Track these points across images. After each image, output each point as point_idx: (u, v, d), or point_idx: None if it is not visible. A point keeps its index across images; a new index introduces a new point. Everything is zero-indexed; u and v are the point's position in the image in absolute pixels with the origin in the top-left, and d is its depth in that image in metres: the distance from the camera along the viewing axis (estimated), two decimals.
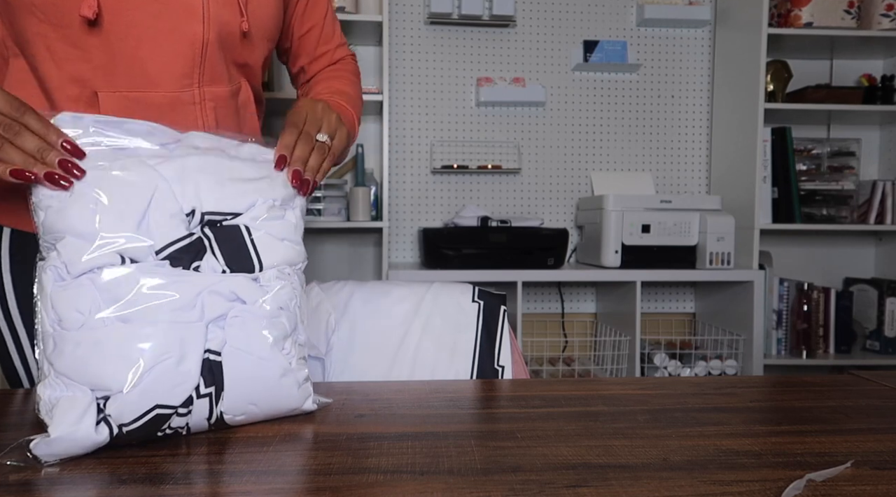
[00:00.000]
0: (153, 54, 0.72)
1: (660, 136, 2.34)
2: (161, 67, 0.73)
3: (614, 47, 2.22)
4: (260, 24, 0.80)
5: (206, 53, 0.75)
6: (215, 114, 0.79)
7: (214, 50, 0.76)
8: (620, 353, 2.05)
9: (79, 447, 0.46)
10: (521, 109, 2.29)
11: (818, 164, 2.24)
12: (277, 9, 0.83)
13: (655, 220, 2.00)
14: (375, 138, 2.22)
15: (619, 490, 0.41)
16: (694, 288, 2.38)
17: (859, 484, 0.42)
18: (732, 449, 0.49)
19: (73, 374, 0.47)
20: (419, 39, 2.23)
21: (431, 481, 0.42)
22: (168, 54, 0.73)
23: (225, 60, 0.78)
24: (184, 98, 0.76)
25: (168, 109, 0.75)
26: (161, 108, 0.75)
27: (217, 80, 0.78)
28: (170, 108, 0.75)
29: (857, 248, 2.41)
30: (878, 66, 2.35)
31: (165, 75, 0.74)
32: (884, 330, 2.17)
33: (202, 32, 0.74)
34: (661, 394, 0.64)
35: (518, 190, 2.30)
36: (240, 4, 0.76)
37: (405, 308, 0.88)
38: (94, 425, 0.46)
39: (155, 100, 0.74)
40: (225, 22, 0.76)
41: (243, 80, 0.84)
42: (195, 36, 0.73)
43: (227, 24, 0.76)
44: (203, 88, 0.77)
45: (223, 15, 0.75)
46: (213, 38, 0.75)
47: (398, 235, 2.26)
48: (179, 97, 0.75)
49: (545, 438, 0.51)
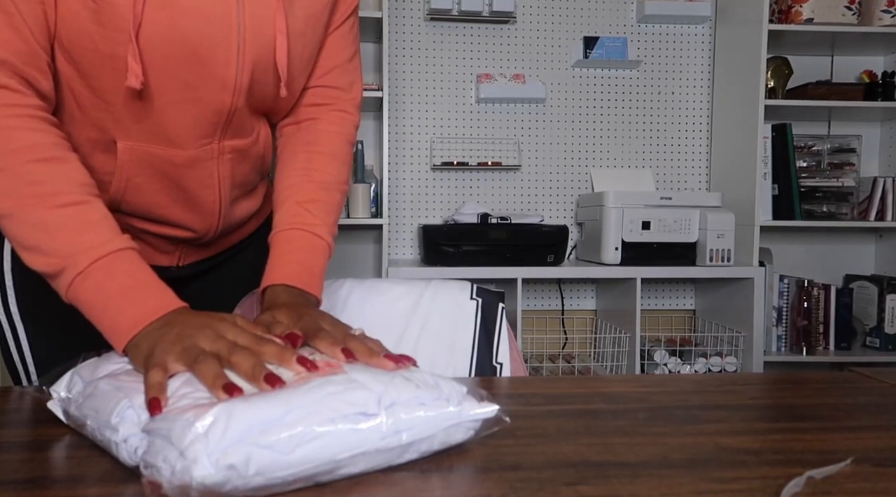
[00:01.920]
0: (177, 119, 0.70)
1: (660, 132, 2.34)
2: (183, 131, 0.71)
3: (614, 44, 2.22)
4: (296, 78, 0.76)
5: (232, 119, 0.73)
6: (231, 165, 0.77)
7: (241, 114, 0.73)
8: (620, 350, 2.05)
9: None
10: (522, 106, 2.28)
11: (818, 161, 2.23)
12: (315, 53, 0.78)
13: (655, 217, 2.00)
14: (375, 135, 2.21)
15: (618, 488, 0.41)
16: (694, 285, 2.38)
17: (859, 481, 0.42)
18: (732, 446, 0.48)
19: None
20: (419, 36, 2.22)
21: (430, 479, 0.42)
22: (192, 120, 0.70)
23: (250, 116, 0.76)
24: (202, 155, 0.74)
25: (185, 166, 0.73)
26: (178, 165, 0.73)
27: (238, 135, 0.76)
28: (187, 164, 0.73)
29: (858, 244, 2.40)
30: (879, 63, 2.35)
31: (187, 137, 0.71)
32: (884, 327, 2.17)
33: (230, 103, 0.71)
34: (661, 391, 0.64)
35: (518, 187, 2.30)
36: (277, 68, 0.70)
37: (403, 306, 0.87)
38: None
39: (174, 156, 0.72)
40: (258, 87, 0.72)
41: (263, 120, 0.81)
42: (222, 106, 0.70)
43: (260, 88, 0.72)
44: (223, 143, 0.75)
45: (258, 83, 0.71)
46: (241, 105, 0.72)
47: (398, 232, 2.26)
48: (198, 154, 0.74)
49: (545, 436, 0.50)
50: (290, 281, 0.69)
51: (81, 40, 0.64)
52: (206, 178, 0.76)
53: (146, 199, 0.75)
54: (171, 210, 0.77)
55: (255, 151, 0.80)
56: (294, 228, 0.73)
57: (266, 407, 0.41)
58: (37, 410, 0.57)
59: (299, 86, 0.78)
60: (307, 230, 0.73)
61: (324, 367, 0.49)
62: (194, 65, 0.66)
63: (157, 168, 0.73)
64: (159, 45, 0.64)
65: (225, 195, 0.79)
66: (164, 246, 0.84)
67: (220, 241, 0.89)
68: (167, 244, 0.84)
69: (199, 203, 0.78)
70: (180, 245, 0.85)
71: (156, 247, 0.84)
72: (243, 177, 0.81)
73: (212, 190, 0.77)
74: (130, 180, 0.73)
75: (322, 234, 0.74)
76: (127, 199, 0.74)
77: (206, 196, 0.77)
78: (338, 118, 0.84)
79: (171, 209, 0.77)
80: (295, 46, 0.72)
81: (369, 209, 2.04)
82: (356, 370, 0.48)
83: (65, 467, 0.45)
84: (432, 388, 0.47)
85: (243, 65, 0.69)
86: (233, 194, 0.81)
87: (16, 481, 0.42)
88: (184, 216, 0.78)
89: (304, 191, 0.76)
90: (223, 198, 0.79)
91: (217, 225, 0.82)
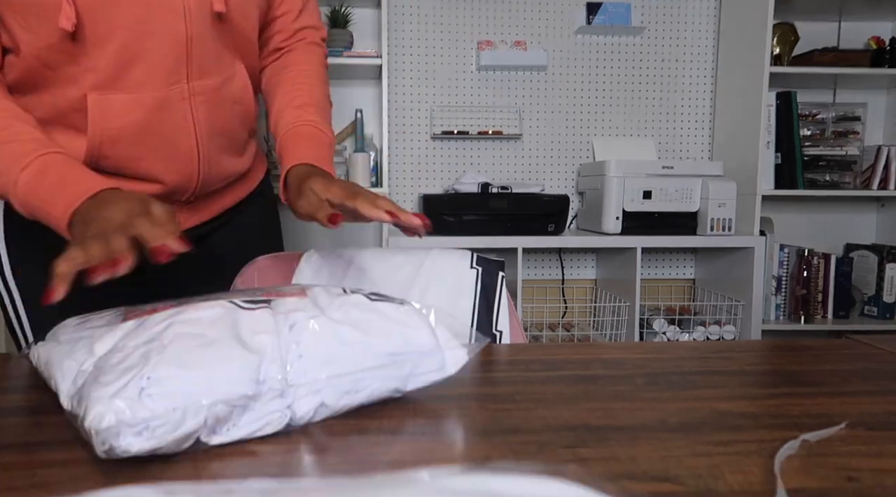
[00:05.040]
0: (138, 56, 0.71)
1: (663, 100, 2.31)
2: (147, 68, 0.72)
3: (618, 9, 2.17)
4: (245, 9, 0.78)
5: (192, 49, 0.74)
6: (206, 107, 0.78)
7: (201, 43, 0.74)
8: (620, 319, 2.07)
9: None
10: (523, 73, 2.25)
11: (823, 130, 2.21)
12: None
13: (657, 187, 1.99)
14: (375, 104, 2.19)
15: (617, 450, 0.42)
16: (694, 254, 2.38)
17: (853, 444, 0.43)
18: (729, 411, 0.49)
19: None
20: (419, 2, 2.18)
21: (431, 442, 0.43)
22: (153, 55, 0.72)
23: (214, 50, 0.76)
24: (172, 95, 0.75)
25: (156, 108, 0.74)
26: (149, 107, 0.74)
27: (207, 73, 0.76)
28: (157, 106, 0.74)
29: (860, 214, 2.40)
30: (888, 28, 2.30)
31: (152, 75, 0.73)
32: (882, 295, 2.18)
33: (185, 29, 0.72)
34: (660, 358, 0.64)
35: (519, 156, 2.28)
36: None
37: (404, 274, 0.88)
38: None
39: (143, 100, 0.73)
40: (207, 11, 0.73)
41: (238, 63, 0.81)
42: (178, 34, 0.72)
43: (206, 10, 0.73)
44: (192, 83, 0.75)
45: (204, 4, 0.73)
46: (196, 33, 0.73)
47: (398, 201, 2.25)
48: (168, 95, 0.74)
49: (544, 401, 0.51)
50: (309, 161, 0.77)
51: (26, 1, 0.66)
52: (180, 120, 0.76)
53: (123, 152, 0.76)
54: (149, 162, 0.77)
55: (229, 94, 0.81)
56: (301, 124, 0.82)
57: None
58: (32, 376, 0.58)
59: (249, 8, 0.80)
60: (313, 126, 0.82)
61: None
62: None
63: (129, 116, 0.74)
64: None
65: (202, 141, 0.79)
66: None
67: (211, 203, 0.89)
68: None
69: (176, 150, 0.78)
70: (173, 208, 0.85)
71: None
72: (223, 124, 0.82)
73: (187, 134, 0.78)
74: (105, 133, 0.73)
75: (324, 129, 0.84)
76: (104, 152, 0.75)
77: (182, 141, 0.78)
78: (311, 48, 0.92)
79: (149, 161, 0.77)
80: None
81: (369, 178, 2.03)
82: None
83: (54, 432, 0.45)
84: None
85: None
86: (213, 142, 0.81)
87: (6, 446, 0.43)
88: (163, 167, 0.79)
89: (300, 97, 0.85)
90: (201, 143, 0.79)
91: (198, 175, 0.82)
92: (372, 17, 2.16)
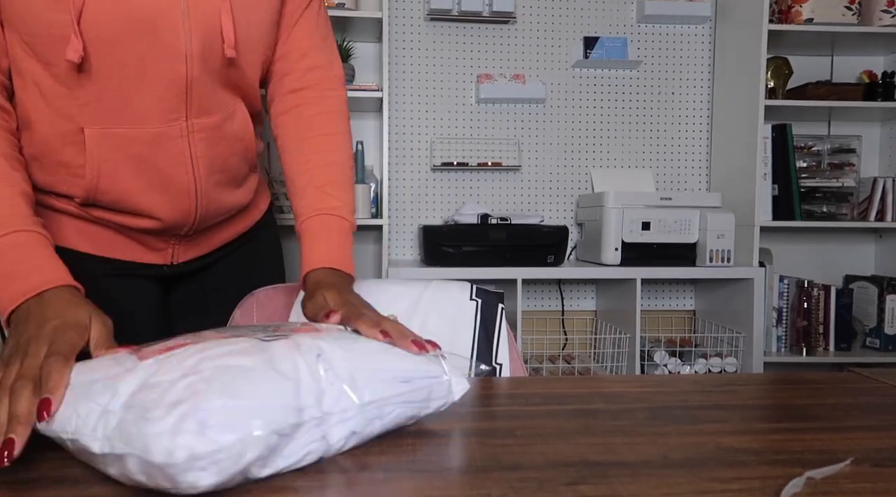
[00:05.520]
0: (139, 93, 0.72)
1: (660, 133, 2.34)
2: (147, 105, 0.73)
3: (614, 44, 2.22)
4: (249, 47, 0.77)
5: (192, 89, 0.74)
6: (205, 144, 0.78)
7: (201, 84, 0.74)
8: (620, 351, 2.05)
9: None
10: (522, 106, 2.28)
11: (819, 161, 2.23)
12: (269, 26, 0.80)
13: (656, 218, 2.00)
14: (375, 135, 2.21)
15: (618, 487, 0.41)
16: (694, 285, 2.38)
17: (859, 481, 0.42)
18: (732, 446, 0.48)
19: None
20: (419, 36, 2.22)
21: (430, 479, 0.42)
22: (153, 93, 0.72)
23: (214, 90, 0.76)
24: (170, 132, 0.75)
25: (153, 144, 0.74)
26: (146, 143, 0.74)
27: (206, 112, 0.77)
28: (155, 142, 0.74)
29: (858, 245, 2.40)
30: (880, 63, 2.35)
31: (151, 112, 0.73)
32: (884, 327, 2.16)
33: (185, 71, 0.72)
34: (661, 391, 0.64)
35: (518, 187, 2.30)
36: (222, 32, 0.73)
37: (403, 306, 0.87)
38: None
39: (140, 135, 0.74)
40: (209, 54, 0.73)
41: (239, 102, 0.81)
42: (178, 75, 0.72)
43: (211, 55, 0.74)
44: (191, 121, 0.76)
45: (207, 47, 0.73)
46: (197, 74, 0.73)
47: (398, 233, 2.26)
48: (165, 132, 0.75)
49: (544, 436, 0.50)
50: (329, 263, 0.76)
51: (38, 28, 0.67)
52: (176, 155, 0.76)
53: (120, 187, 0.76)
54: (147, 196, 0.77)
55: (229, 131, 0.80)
56: (322, 214, 0.79)
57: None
58: None
59: (255, 55, 0.79)
60: (333, 214, 0.80)
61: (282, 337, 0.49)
62: (143, 36, 0.69)
63: (127, 151, 0.74)
64: (107, 20, 0.67)
65: (200, 177, 0.79)
66: (155, 243, 0.84)
67: (210, 237, 0.89)
68: (157, 241, 0.84)
69: (173, 185, 0.78)
70: (171, 241, 0.85)
71: (147, 245, 0.84)
72: (222, 161, 0.81)
73: (184, 169, 0.77)
74: (102, 167, 0.74)
75: (345, 214, 0.81)
76: (102, 187, 0.75)
77: (179, 176, 0.78)
78: (331, 96, 0.87)
79: (147, 195, 0.77)
80: (241, 11, 0.74)
81: (369, 209, 2.04)
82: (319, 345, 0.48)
83: (63, 468, 0.45)
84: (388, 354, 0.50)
85: (190, 30, 0.71)
86: (212, 178, 0.81)
87: (19, 481, 0.42)
88: (160, 201, 0.78)
89: (320, 175, 0.82)
90: (199, 179, 0.79)
91: (195, 211, 0.81)
92: (373, 52, 2.20)
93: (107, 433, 0.40)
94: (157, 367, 0.44)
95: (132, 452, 0.38)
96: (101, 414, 0.42)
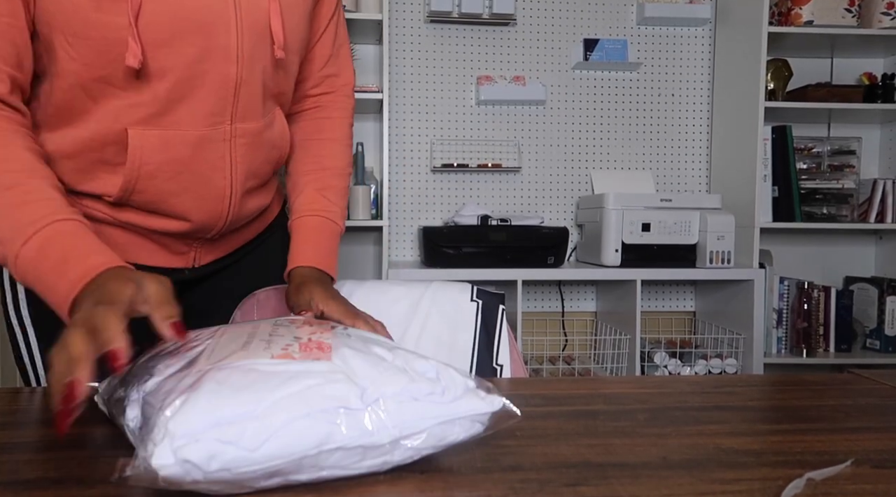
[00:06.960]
0: (189, 95, 0.71)
1: (660, 134, 2.34)
2: (195, 107, 0.72)
3: (614, 46, 2.22)
4: (292, 49, 0.79)
5: (240, 91, 0.74)
6: (246, 150, 0.78)
7: (249, 87, 0.74)
8: (620, 352, 2.05)
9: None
10: (522, 108, 2.28)
11: (818, 163, 2.23)
12: (306, 31, 0.82)
13: (655, 219, 2.00)
14: (375, 137, 2.22)
15: (618, 488, 0.41)
16: (694, 286, 2.38)
17: (859, 482, 0.42)
18: (732, 448, 0.49)
19: None
20: (419, 38, 2.23)
21: (431, 480, 0.42)
22: (202, 95, 0.72)
23: (259, 95, 0.76)
24: (214, 135, 0.74)
25: (196, 146, 0.74)
26: (189, 145, 0.74)
27: (250, 117, 0.76)
28: (198, 145, 0.74)
29: (858, 246, 2.40)
30: (879, 65, 2.35)
31: (198, 114, 0.72)
32: (884, 328, 2.16)
33: (236, 73, 0.72)
34: (661, 392, 0.64)
35: (518, 188, 2.30)
36: (272, 33, 0.73)
37: (403, 307, 0.88)
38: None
39: (185, 137, 0.73)
40: (259, 55, 0.74)
41: (277, 109, 0.82)
42: (229, 77, 0.72)
43: (260, 56, 0.74)
44: (235, 125, 0.75)
45: (257, 50, 0.73)
46: (246, 76, 0.73)
47: (398, 234, 2.26)
48: (209, 135, 0.74)
49: (545, 437, 0.51)
50: (315, 263, 0.81)
51: (86, 31, 0.65)
52: (217, 159, 0.76)
53: (157, 188, 0.75)
54: (182, 198, 0.77)
55: (268, 137, 0.81)
56: (314, 215, 0.85)
57: (237, 398, 0.39)
58: (44, 411, 0.57)
59: (295, 56, 0.81)
60: (325, 217, 0.85)
61: (312, 348, 0.46)
62: (197, 37, 0.69)
63: (168, 152, 0.73)
64: (162, 23, 0.66)
65: (237, 182, 0.79)
66: (178, 247, 0.84)
67: (231, 239, 0.89)
68: (181, 244, 0.83)
69: (210, 188, 0.77)
70: (194, 245, 0.84)
71: (170, 248, 0.83)
72: (258, 166, 0.82)
73: (223, 174, 0.77)
74: (142, 168, 0.73)
75: (336, 218, 0.86)
76: (138, 187, 0.74)
77: (216, 180, 0.77)
78: (340, 103, 0.92)
79: (182, 197, 0.77)
80: (288, 14, 0.76)
81: (370, 211, 2.04)
82: (348, 358, 0.45)
83: (68, 468, 0.45)
84: (429, 382, 0.44)
85: (242, 31, 0.71)
86: (247, 184, 0.81)
87: (18, 482, 0.42)
88: (194, 205, 0.78)
89: (321, 178, 0.87)
90: (235, 184, 0.79)
91: (227, 215, 0.81)
92: (373, 53, 2.20)
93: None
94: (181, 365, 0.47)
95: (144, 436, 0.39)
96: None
